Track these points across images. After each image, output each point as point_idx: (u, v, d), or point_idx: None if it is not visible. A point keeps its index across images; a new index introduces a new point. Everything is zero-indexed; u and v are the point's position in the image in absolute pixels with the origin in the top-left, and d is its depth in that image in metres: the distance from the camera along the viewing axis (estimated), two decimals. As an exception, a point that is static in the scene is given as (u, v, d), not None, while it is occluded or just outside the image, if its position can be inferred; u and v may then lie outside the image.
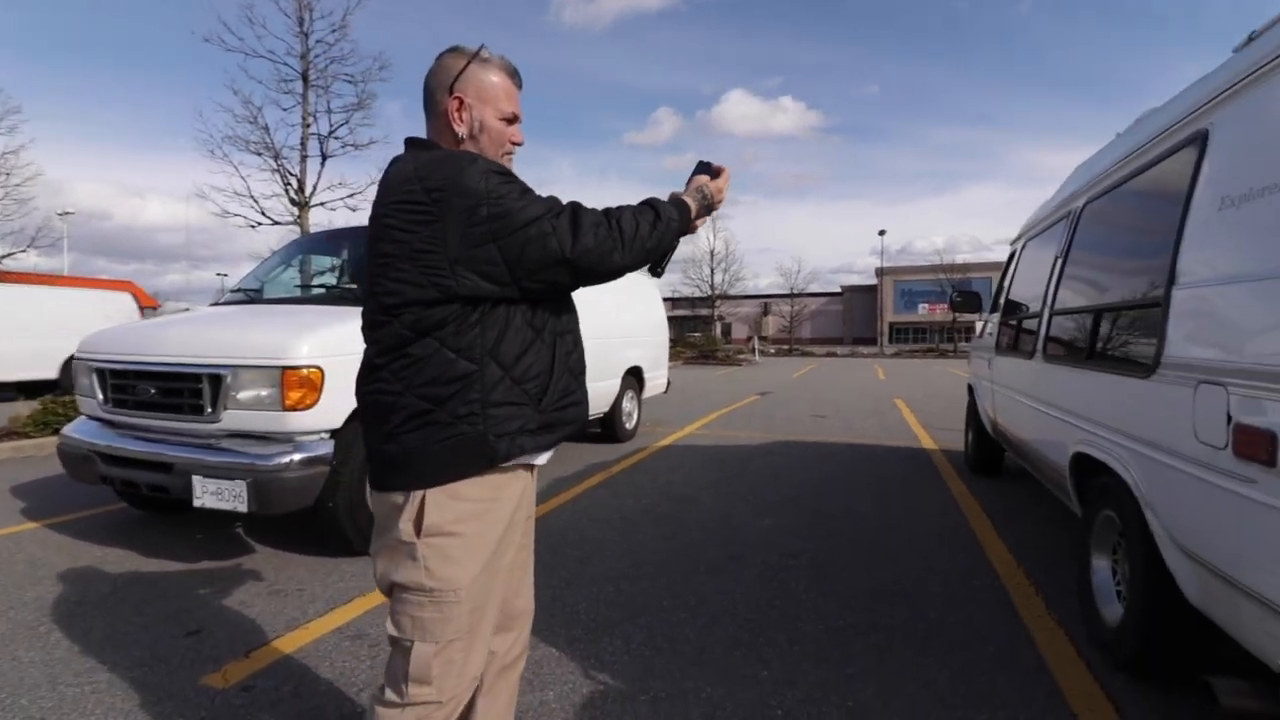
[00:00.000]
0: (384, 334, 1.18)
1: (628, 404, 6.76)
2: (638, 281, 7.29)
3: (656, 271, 1.38)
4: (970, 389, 5.32)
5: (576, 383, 1.32)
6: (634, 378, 6.87)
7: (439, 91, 1.25)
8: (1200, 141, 1.85)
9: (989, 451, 4.90)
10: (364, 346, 1.27)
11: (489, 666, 1.36)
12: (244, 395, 2.99)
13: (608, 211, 1.20)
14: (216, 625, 2.52)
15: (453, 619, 1.17)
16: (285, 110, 10.92)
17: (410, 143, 1.29)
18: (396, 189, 1.15)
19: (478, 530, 1.20)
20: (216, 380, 3.01)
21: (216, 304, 4.51)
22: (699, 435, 7.20)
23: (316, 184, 11.20)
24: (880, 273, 56.41)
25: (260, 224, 11.16)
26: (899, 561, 3.20)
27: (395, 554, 1.18)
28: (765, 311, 59.45)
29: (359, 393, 1.26)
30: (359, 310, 1.29)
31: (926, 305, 54.25)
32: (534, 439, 1.23)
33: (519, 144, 1.34)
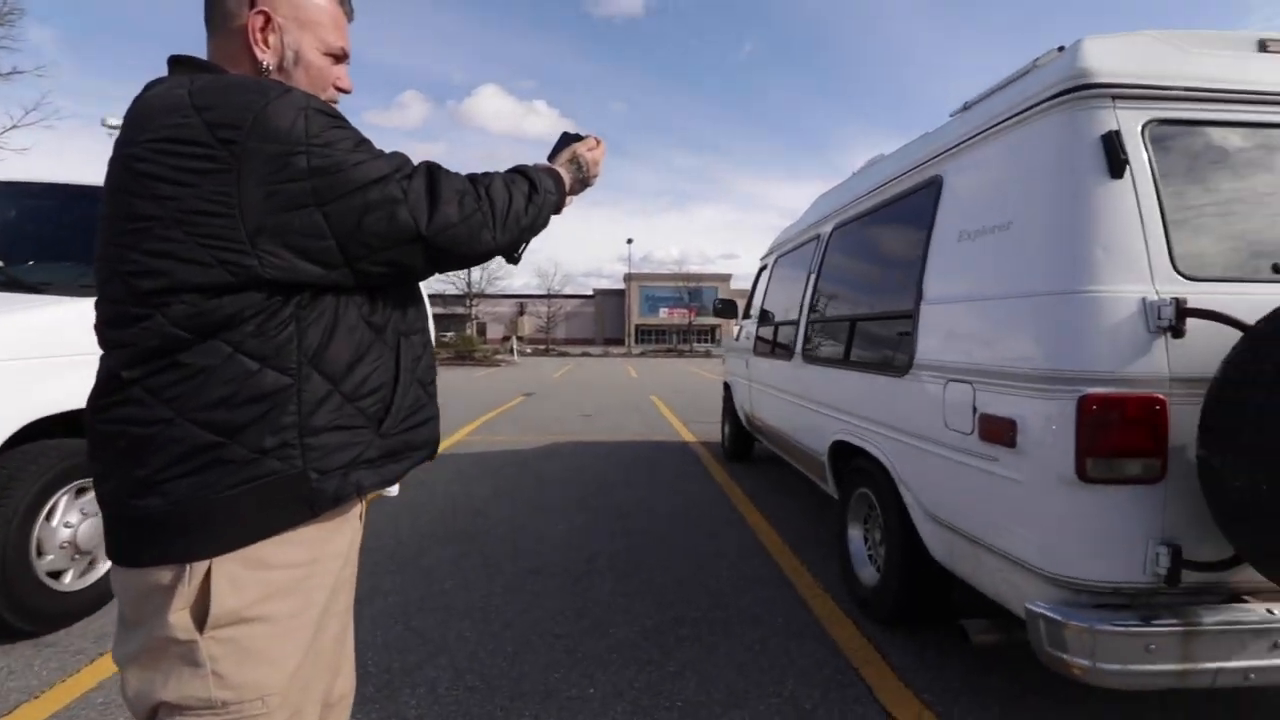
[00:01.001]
0: (137, 333, 0.81)
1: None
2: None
3: (514, 258, 1.17)
4: (726, 386, 5.94)
5: (427, 395, 1.06)
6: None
7: None
8: (937, 185, 2.27)
9: (743, 442, 5.56)
10: (92, 351, 0.87)
11: None
12: None
13: (473, 178, 0.97)
14: None
15: None
16: None
17: (179, 63, 0.92)
18: (159, 122, 0.80)
19: (293, 608, 0.88)
20: None
21: None
22: (472, 442, 6.81)
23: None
24: (628, 278, 60.59)
25: None
26: (690, 552, 3.39)
27: (161, 660, 0.82)
28: (521, 311, 59.47)
29: (92, 420, 0.85)
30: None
31: (666, 309, 59.87)
32: (375, 472, 0.95)
33: (346, 91, 1.04)
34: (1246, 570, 1.45)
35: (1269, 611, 1.49)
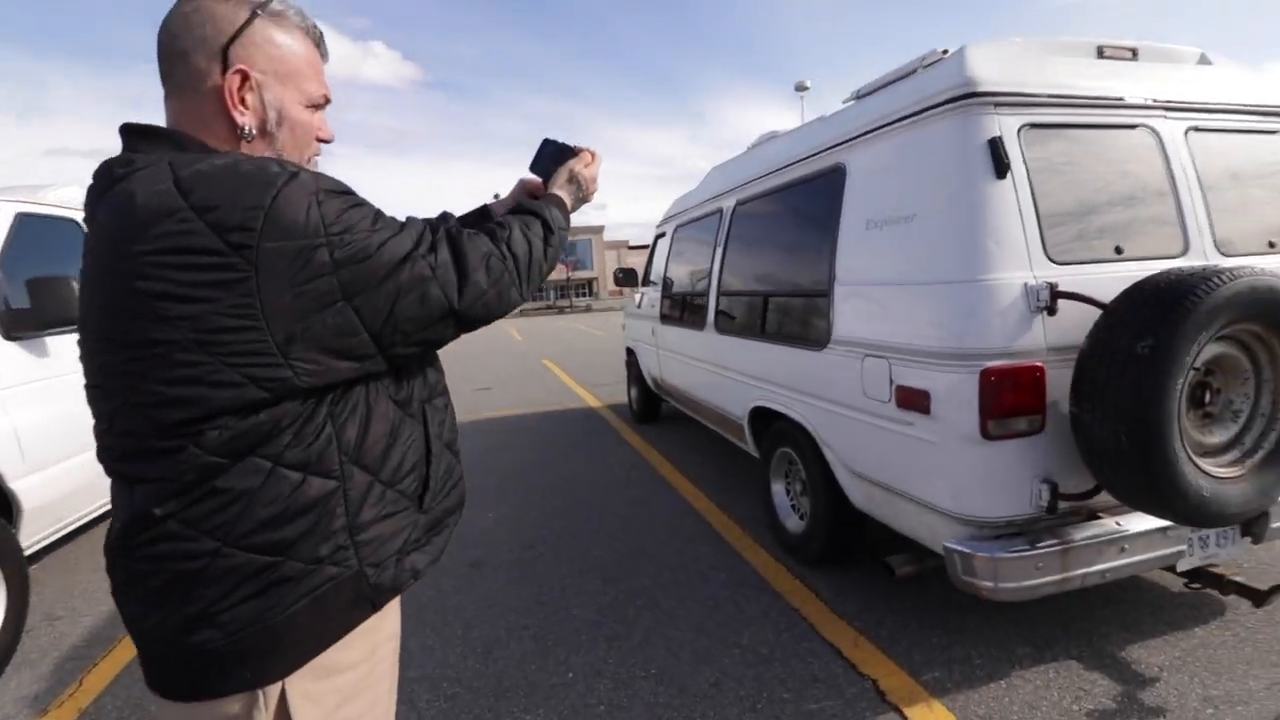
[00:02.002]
0: (167, 467, 0.74)
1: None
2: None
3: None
4: (630, 350, 6.10)
5: (455, 456, 1.04)
6: None
7: (200, 55, 0.80)
8: (841, 173, 2.48)
9: (651, 404, 5.79)
10: (109, 492, 0.80)
11: None
12: None
13: (492, 234, 0.92)
14: None
15: None
16: None
17: (141, 135, 0.80)
18: (155, 229, 0.69)
19: (364, 706, 0.88)
20: None
21: None
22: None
23: None
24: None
25: None
26: (625, 522, 3.56)
27: None
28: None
29: (119, 560, 0.78)
30: None
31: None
32: (424, 552, 0.94)
33: (327, 141, 0.94)
34: (1102, 495, 1.85)
35: (1117, 524, 1.91)
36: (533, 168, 1.22)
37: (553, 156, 1.20)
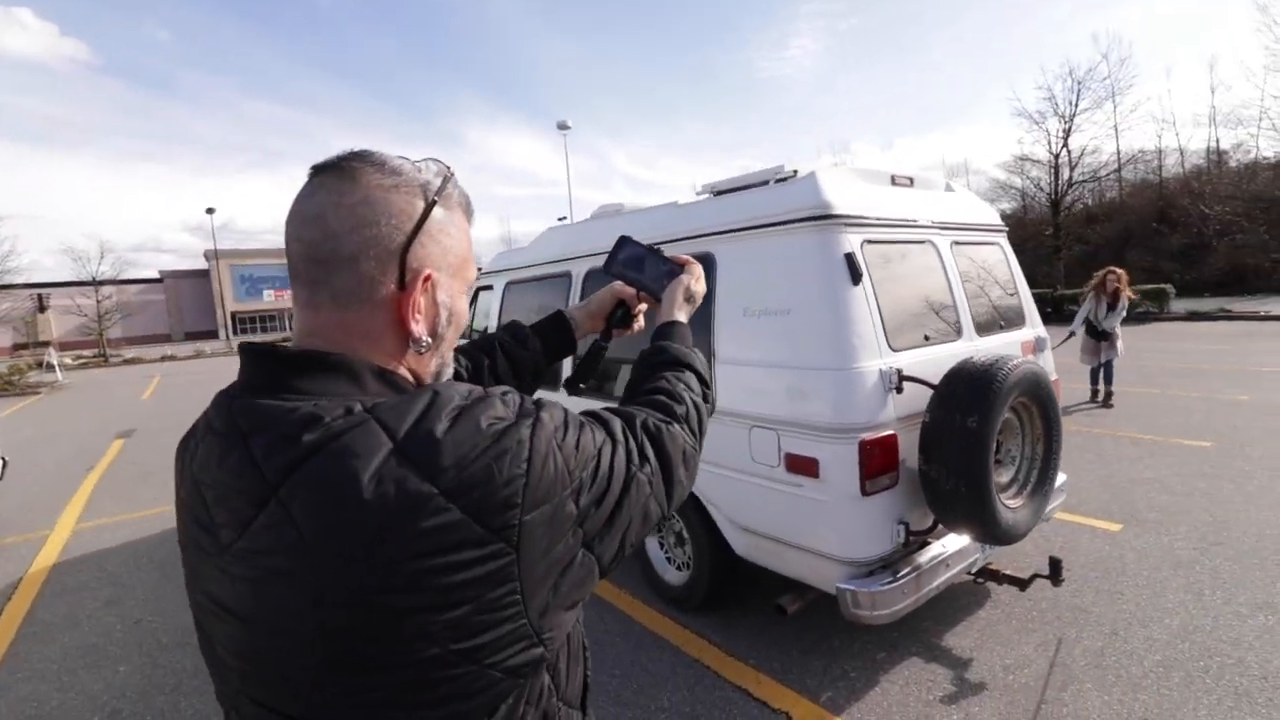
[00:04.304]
0: None
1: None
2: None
3: (578, 388, 1.10)
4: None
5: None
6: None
7: (371, 259, 0.63)
8: (709, 261, 2.81)
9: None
10: None
11: None
12: None
13: (669, 411, 0.82)
14: None
15: None
16: None
17: (297, 367, 0.62)
18: (399, 528, 0.54)
19: None
20: None
21: None
22: (98, 532, 5.06)
23: None
24: (213, 255, 49.33)
25: None
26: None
27: None
28: (42, 307, 43.24)
29: None
30: None
31: (273, 291, 51.24)
32: None
33: None
34: (936, 528, 2.42)
35: (942, 545, 2.50)
36: (607, 269, 1.11)
37: (638, 262, 1.09)
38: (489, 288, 5.05)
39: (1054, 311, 17.03)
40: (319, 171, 0.65)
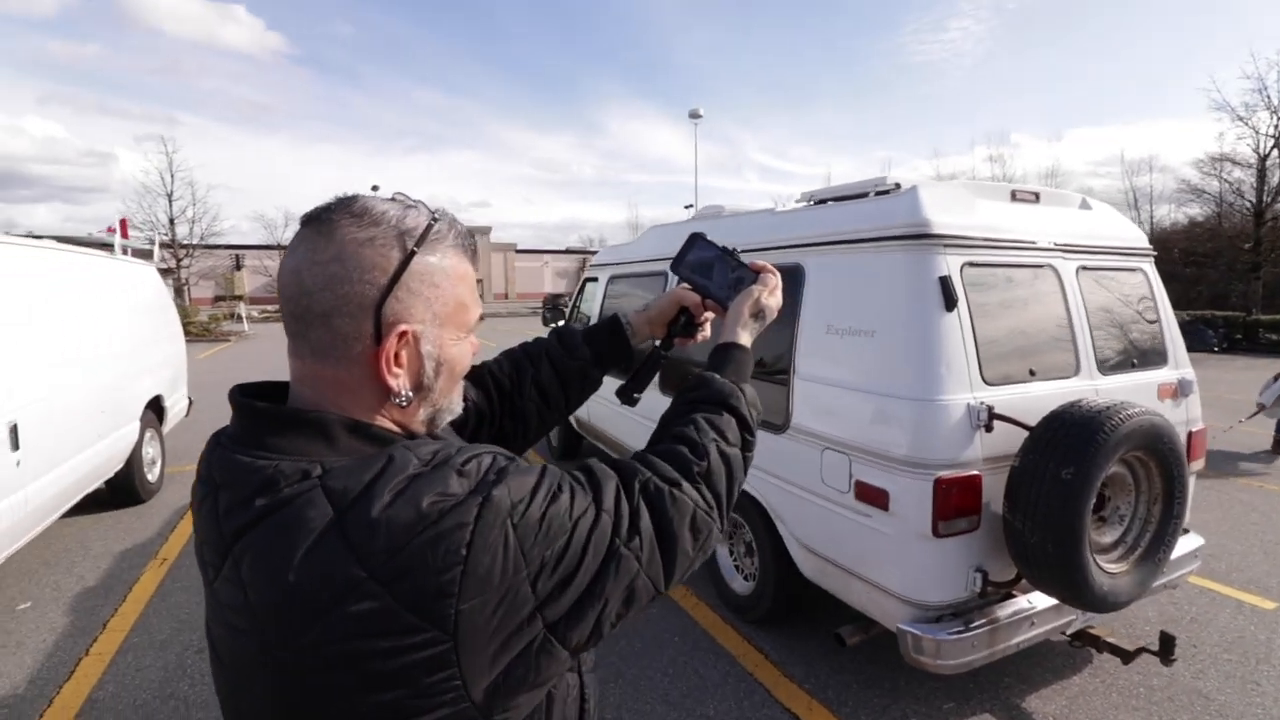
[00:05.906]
0: None
1: (150, 449, 4.99)
2: (137, 269, 5.33)
3: (632, 398, 0.99)
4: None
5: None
6: (154, 412, 5.09)
7: (345, 316, 0.63)
8: (799, 274, 2.73)
9: (573, 441, 5.85)
10: None
11: None
12: None
13: (685, 468, 0.74)
14: None
15: None
16: None
17: (276, 425, 0.63)
18: (330, 613, 0.54)
19: None
20: None
21: None
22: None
23: None
24: (373, 228, 54.71)
25: None
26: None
27: None
28: (238, 265, 50.31)
29: None
30: None
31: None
32: None
33: (476, 352, 0.79)
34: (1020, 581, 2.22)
35: (1028, 601, 2.29)
36: (674, 268, 1.02)
37: (706, 265, 0.99)
38: (594, 279, 5.23)
39: (1244, 339, 14.54)
40: (304, 223, 0.66)
